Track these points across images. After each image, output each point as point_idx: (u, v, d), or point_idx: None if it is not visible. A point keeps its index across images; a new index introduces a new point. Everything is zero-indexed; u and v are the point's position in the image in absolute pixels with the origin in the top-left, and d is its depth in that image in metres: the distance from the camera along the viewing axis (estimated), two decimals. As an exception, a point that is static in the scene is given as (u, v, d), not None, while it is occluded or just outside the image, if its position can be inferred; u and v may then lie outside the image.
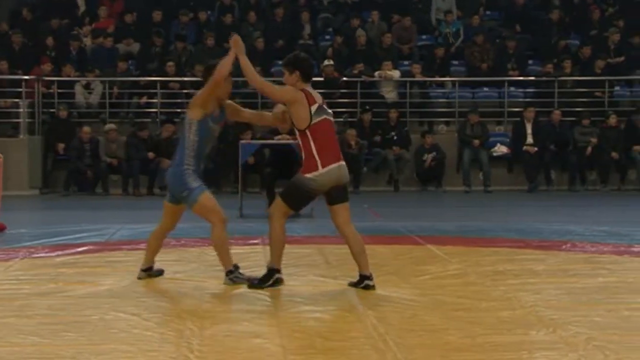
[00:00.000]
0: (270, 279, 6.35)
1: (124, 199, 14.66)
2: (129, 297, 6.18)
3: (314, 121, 6.30)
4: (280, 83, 6.68)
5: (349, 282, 6.60)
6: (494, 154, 15.99)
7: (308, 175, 6.31)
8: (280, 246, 6.39)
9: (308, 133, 6.31)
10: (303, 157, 6.37)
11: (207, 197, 6.54)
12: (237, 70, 6.80)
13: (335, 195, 6.44)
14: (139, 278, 6.81)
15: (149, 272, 6.86)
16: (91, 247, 8.61)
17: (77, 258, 7.95)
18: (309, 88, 6.45)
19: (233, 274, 6.52)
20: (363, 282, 6.46)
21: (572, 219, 11.19)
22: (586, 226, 10.07)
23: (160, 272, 6.93)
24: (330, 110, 6.53)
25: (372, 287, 6.42)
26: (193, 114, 6.57)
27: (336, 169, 6.39)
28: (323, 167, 6.31)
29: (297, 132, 6.39)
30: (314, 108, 6.32)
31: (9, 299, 6.10)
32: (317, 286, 6.61)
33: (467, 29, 18.05)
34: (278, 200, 6.41)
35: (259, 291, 6.33)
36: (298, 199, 6.40)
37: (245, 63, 6.57)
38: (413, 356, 4.66)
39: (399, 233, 9.64)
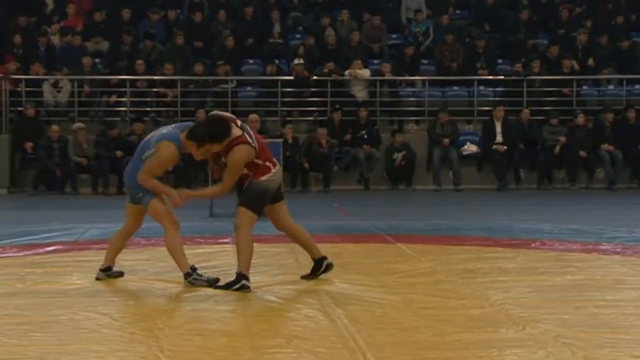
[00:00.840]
0: (238, 284, 6.31)
1: (93, 199, 14.57)
2: (99, 297, 6.15)
3: (256, 146, 6.35)
4: (249, 82, 6.66)
5: (303, 275, 6.70)
6: (464, 153, 16.08)
7: (264, 178, 6.38)
8: (250, 254, 6.38)
9: (255, 159, 6.40)
10: (252, 170, 6.38)
11: (159, 201, 6.51)
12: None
13: (277, 194, 6.55)
14: (97, 278, 6.76)
15: (108, 272, 6.80)
16: (60, 246, 8.55)
17: (46, 258, 7.89)
18: (234, 131, 6.33)
19: (192, 277, 6.49)
20: (323, 264, 6.65)
21: (541, 217, 11.28)
22: (555, 224, 10.14)
23: (119, 274, 6.86)
24: (239, 122, 6.51)
25: (332, 265, 6.68)
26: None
27: (280, 169, 6.57)
28: (274, 167, 6.45)
29: None
30: (250, 139, 6.33)
31: (-24, 299, 6.04)
32: (287, 285, 6.60)
33: (437, 28, 18.13)
34: (242, 210, 6.37)
35: (229, 291, 6.31)
36: (261, 203, 6.46)
37: (200, 194, 6.85)
38: (383, 355, 4.67)
39: (369, 232, 9.66)
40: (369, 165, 15.89)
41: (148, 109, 16.35)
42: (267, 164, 6.43)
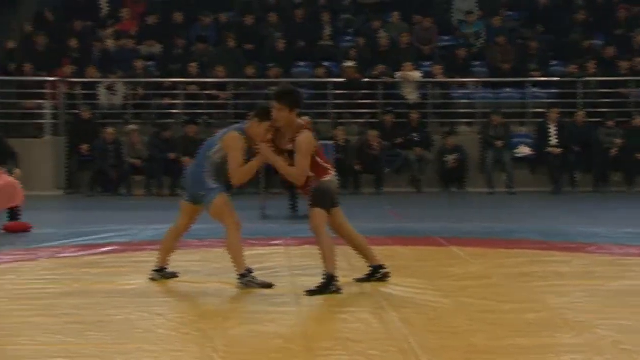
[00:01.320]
0: (331, 286, 6.28)
1: (147, 200, 14.72)
2: (153, 298, 6.21)
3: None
4: (299, 84, 6.69)
5: (357, 278, 6.69)
6: (517, 155, 15.93)
7: (327, 178, 6.41)
8: (334, 253, 6.35)
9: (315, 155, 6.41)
10: (314, 171, 6.39)
11: (223, 200, 6.54)
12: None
13: (335, 198, 6.56)
14: (152, 279, 6.82)
15: (162, 273, 6.85)
16: (116, 247, 8.65)
17: (102, 258, 7.99)
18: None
19: (246, 278, 6.51)
20: (379, 272, 6.64)
21: (597, 221, 11.12)
22: (611, 228, 10.00)
23: (174, 275, 6.91)
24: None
25: (389, 275, 6.65)
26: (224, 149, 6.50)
27: (335, 173, 6.57)
28: (332, 170, 6.49)
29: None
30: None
31: (35, 299, 6.14)
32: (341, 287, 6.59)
33: (489, 30, 18.00)
34: (315, 211, 6.35)
35: (283, 292, 6.32)
36: (329, 201, 6.45)
37: (278, 164, 6.46)
38: (437, 358, 4.64)
39: (422, 234, 9.61)
40: (420, 168, 15.82)
41: (200, 111, 16.47)
42: (326, 165, 6.45)
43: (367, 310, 5.82)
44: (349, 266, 7.32)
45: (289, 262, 7.61)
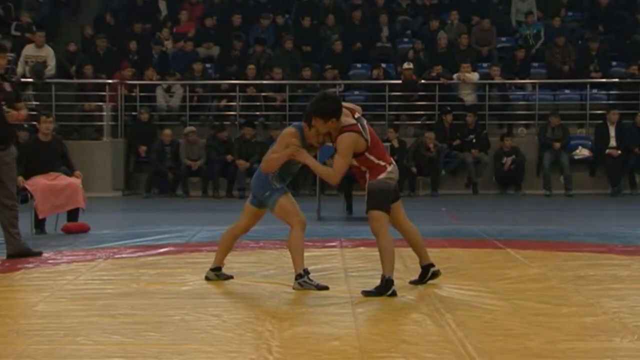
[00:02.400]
0: (389, 290, 6.26)
1: (203, 201, 14.85)
2: (209, 299, 6.25)
3: (368, 139, 6.34)
4: (356, 86, 6.65)
5: (411, 280, 6.68)
6: (576, 157, 15.74)
7: (382, 177, 6.35)
8: (393, 257, 6.32)
9: (367, 151, 6.36)
10: (367, 172, 6.36)
11: (288, 199, 6.57)
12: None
13: (394, 193, 6.51)
14: (207, 278, 6.87)
15: (218, 272, 6.90)
16: (172, 248, 8.73)
17: (159, 259, 8.08)
18: (343, 118, 6.36)
19: (302, 279, 6.52)
20: (429, 272, 6.63)
21: (657, 224, 10.93)
22: (672, 231, 9.82)
23: (228, 277, 6.94)
24: (359, 115, 6.49)
25: (439, 273, 6.64)
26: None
27: (396, 168, 6.50)
28: (389, 165, 6.40)
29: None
30: (363, 131, 6.35)
31: (92, 299, 6.23)
32: (395, 289, 6.57)
33: (548, 31, 17.80)
34: (374, 214, 6.32)
35: (338, 294, 6.32)
36: (387, 200, 6.39)
37: (313, 165, 6.47)
38: (493, 361, 4.61)
39: (478, 237, 9.54)
40: (477, 170, 15.71)
41: (257, 113, 16.57)
42: (382, 162, 6.37)
43: (422, 312, 5.79)
44: (404, 268, 7.30)
45: (344, 264, 7.61)
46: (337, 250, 8.40)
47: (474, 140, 15.79)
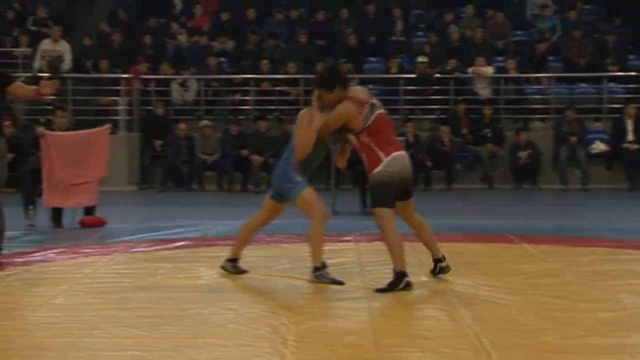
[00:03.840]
0: (401, 282, 6.25)
1: (218, 195, 14.87)
2: (225, 292, 6.27)
3: (369, 122, 6.31)
4: (371, 80, 6.63)
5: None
6: (592, 151, 15.67)
7: (376, 171, 6.30)
8: (401, 249, 6.30)
9: (364, 133, 6.32)
10: (366, 158, 6.34)
11: (309, 192, 6.57)
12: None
13: (407, 188, 6.46)
14: (223, 267, 6.88)
15: (234, 263, 6.90)
16: (188, 242, 8.76)
17: (175, 253, 8.10)
18: (351, 93, 6.39)
19: (319, 272, 6.53)
20: (437, 266, 6.67)
21: (674, 219, 10.87)
22: (689, 226, 9.77)
23: (244, 271, 6.94)
24: (379, 103, 6.48)
25: (448, 269, 6.65)
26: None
27: (400, 157, 6.38)
28: (386, 156, 6.31)
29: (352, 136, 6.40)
30: (366, 110, 6.32)
31: (109, 292, 6.26)
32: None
33: (564, 24, 17.72)
34: (376, 211, 6.30)
35: (353, 288, 6.33)
36: (387, 195, 6.32)
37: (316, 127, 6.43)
38: (508, 356, 4.60)
39: (493, 231, 9.52)
40: (492, 164, 15.67)
41: (272, 107, 16.58)
42: (380, 153, 6.31)
43: (438, 307, 5.79)
44: (419, 262, 7.29)
45: (359, 258, 7.61)
46: (352, 245, 8.40)
47: (489, 134, 15.74)
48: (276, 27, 18.13)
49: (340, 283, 6.48)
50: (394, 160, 6.33)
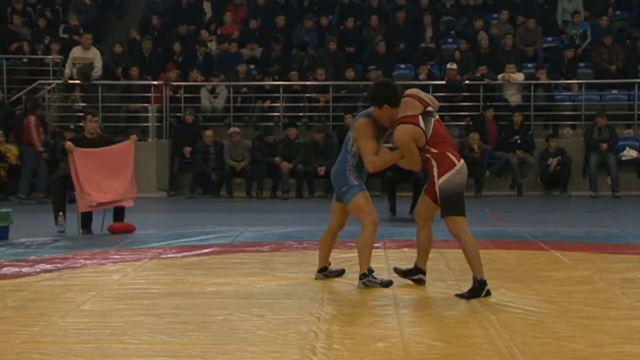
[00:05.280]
0: (483, 290, 6.21)
1: (247, 202, 14.90)
2: (253, 299, 6.27)
3: (428, 135, 6.30)
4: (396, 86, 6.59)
5: (395, 267, 6.88)
6: (623, 158, 15.54)
7: (449, 174, 6.25)
8: (478, 257, 6.26)
9: (428, 146, 6.32)
10: (434, 167, 6.29)
11: (363, 197, 6.57)
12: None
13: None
14: (316, 279, 6.89)
15: (325, 272, 6.93)
16: (216, 248, 8.78)
17: (203, 259, 8.12)
18: (402, 109, 6.37)
19: (367, 278, 6.54)
20: (417, 275, 6.74)
21: None
22: None
23: (339, 272, 6.96)
24: (432, 109, 6.46)
25: (423, 282, 6.68)
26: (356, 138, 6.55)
27: (463, 164, 6.38)
28: (458, 160, 6.33)
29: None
30: (422, 124, 6.30)
31: (138, 298, 6.28)
32: (439, 290, 6.55)
33: (595, 30, 17.60)
34: (448, 219, 6.28)
35: (382, 295, 6.31)
36: (458, 202, 6.32)
37: (388, 160, 6.52)
38: (538, 364, 4.57)
39: (523, 238, 9.46)
40: (522, 171, 15.59)
41: (301, 114, 16.60)
42: (451, 156, 6.29)
43: (467, 313, 5.76)
44: (447, 268, 7.28)
45: (387, 265, 7.59)
46: (381, 252, 8.37)
47: (519, 141, 15.66)
48: (305, 34, 18.16)
49: (389, 284, 6.54)
50: (463, 167, 6.35)
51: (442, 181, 6.27)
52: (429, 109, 6.42)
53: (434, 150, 6.29)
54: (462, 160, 6.37)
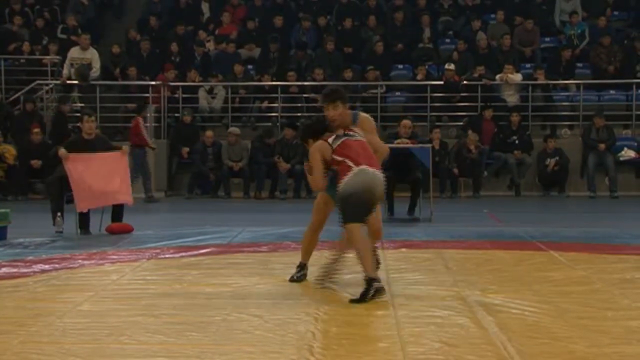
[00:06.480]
0: (370, 290, 6.13)
1: (245, 202, 14.90)
2: (251, 299, 6.26)
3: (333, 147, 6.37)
4: (398, 87, 6.60)
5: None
6: (621, 159, 15.55)
7: (346, 178, 6.24)
8: (370, 255, 6.25)
9: (333, 155, 6.37)
10: (339, 175, 6.35)
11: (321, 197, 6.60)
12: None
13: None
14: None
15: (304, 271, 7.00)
16: (214, 249, 8.77)
17: (201, 259, 8.12)
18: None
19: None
20: (371, 288, 6.34)
21: None
22: None
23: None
24: (355, 133, 6.49)
25: (383, 292, 6.31)
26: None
27: (370, 172, 6.28)
28: (356, 166, 6.28)
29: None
30: (331, 140, 6.42)
31: (136, 298, 6.28)
32: (437, 291, 6.55)
33: (593, 30, 17.61)
34: (347, 227, 6.24)
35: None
36: (359, 208, 6.24)
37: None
38: (536, 364, 4.57)
39: (521, 238, 9.46)
40: (520, 171, 15.59)
41: (299, 114, 16.60)
42: (348, 161, 6.30)
43: (464, 314, 5.76)
44: (446, 269, 7.27)
45: (385, 265, 7.58)
46: (379, 252, 8.36)
47: (516, 142, 15.67)
48: (303, 34, 18.16)
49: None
50: (359, 173, 6.25)
51: (340, 186, 6.26)
52: (348, 132, 6.46)
53: (338, 159, 6.33)
54: (363, 166, 6.26)
